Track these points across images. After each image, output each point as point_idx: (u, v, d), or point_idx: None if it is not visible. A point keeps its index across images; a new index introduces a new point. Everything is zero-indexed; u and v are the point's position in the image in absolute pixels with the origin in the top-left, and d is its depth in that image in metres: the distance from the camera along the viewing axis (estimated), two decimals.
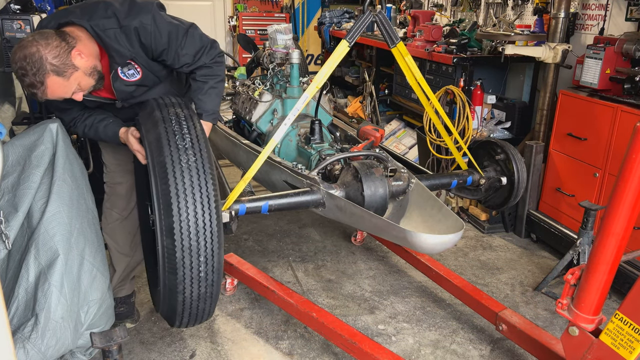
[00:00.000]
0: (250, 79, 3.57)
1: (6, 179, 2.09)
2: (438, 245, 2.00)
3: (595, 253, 1.75)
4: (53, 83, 1.99)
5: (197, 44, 2.26)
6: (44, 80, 1.96)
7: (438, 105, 2.65)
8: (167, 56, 2.21)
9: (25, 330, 1.86)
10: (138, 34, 2.12)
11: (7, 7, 3.03)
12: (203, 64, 2.28)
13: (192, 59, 2.25)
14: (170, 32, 2.18)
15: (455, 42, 4.13)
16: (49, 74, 1.96)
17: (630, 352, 1.67)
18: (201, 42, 2.27)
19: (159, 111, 2.06)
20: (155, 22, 2.14)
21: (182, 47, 2.21)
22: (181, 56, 2.23)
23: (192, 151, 1.96)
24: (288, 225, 3.94)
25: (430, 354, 2.57)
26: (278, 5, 8.12)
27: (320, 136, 2.80)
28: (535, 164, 3.51)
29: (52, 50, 1.95)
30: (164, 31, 2.17)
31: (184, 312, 2.05)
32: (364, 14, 2.24)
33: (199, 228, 1.90)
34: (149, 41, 2.15)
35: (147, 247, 2.59)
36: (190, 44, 2.23)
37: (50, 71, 1.95)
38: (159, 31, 2.15)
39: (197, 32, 2.28)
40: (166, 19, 2.20)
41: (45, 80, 1.96)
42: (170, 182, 1.89)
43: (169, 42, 2.18)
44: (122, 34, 2.11)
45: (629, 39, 3.11)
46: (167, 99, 2.17)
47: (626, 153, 1.61)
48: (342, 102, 6.67)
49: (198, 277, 1.96)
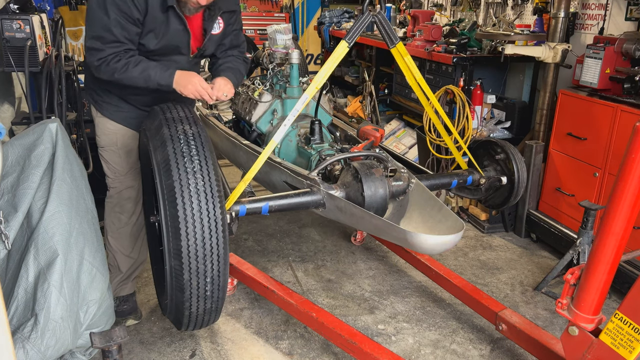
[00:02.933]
0: (250, 79, 3.57)
1: (6, 179, 2.09)
2: (438, 245, 1.99)
3: (595, 253, 1.75)
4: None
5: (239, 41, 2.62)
6: None
7: (438, 105, 2.65)
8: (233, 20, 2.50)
9: (24, 330, 1.86)
10: None
11: (7, 7, 3.03)
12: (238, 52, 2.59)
13: (226, 50, 2.56)
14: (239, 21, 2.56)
15: (455, 41, 4.13)
16: None
17: (630, 352, 1.67)
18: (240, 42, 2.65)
19: (167, 129, 2.05)
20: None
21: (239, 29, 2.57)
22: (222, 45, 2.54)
23: (201, 174, 1.95)
24: (288, 225, 3.94)
25: (430, 353, 2.57)
26: (278, 5, 8.11)
27: (320, 136, 2.80)
28: (535, 163, 3.51)
29: None
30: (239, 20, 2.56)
31: (189, 323, 2.13)
32: (363, 14, 2.24)
33: (206, 252, 1.93)
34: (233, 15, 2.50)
35: (153, 246, 2.60)
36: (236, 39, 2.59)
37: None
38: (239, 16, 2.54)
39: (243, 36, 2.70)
40: None
41: None
42: (179, 207, 1.90)
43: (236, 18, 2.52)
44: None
45: (628, 38, 3.11)
46: (175, 112, 2.14)
47: (626, 152, 1.61)
48: (342, 102, 6.67)
49: (205, 295, 2.01)
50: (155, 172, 2.00)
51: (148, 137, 2.09)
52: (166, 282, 2.01)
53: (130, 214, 2.58)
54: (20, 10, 3.06)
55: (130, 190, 2.58)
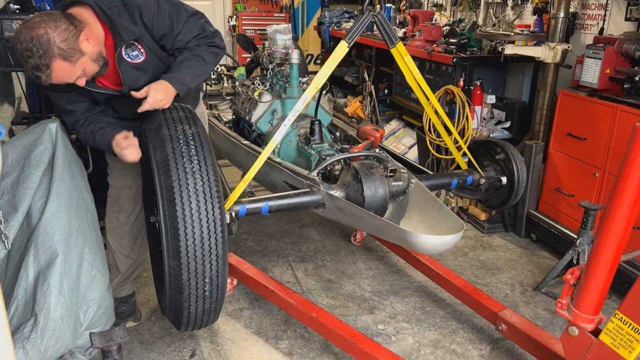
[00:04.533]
0: (250, 79, 3.57)
1: (5, 179, 2.09)
2: (438, 245, 1.99)
3: (594, 253, 1.75)
4: (59, 67, 1.94)
5: (195, 32, 2.20)
6: (49, 64, 1.91)
7: (437, 105, 2.65)
8: (167, 41, 2.18)
9: (24, 330, 1.86)
10: (140, 12, 2.08)
11: (7, 7, 3.03)
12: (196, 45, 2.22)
13: (185, 44, 2.21)
14: (172, 15, 2.13)
15: (454, 42, 4.13)
16: (56, 57, 1.91)
17: (630, 352, 1.67)
18: (199, 31, 2.21)
19: (167, 129, 2.04)
20: (158, 2, 2.11)
21: (179, 32, 2.16)
22: (177, 41, 2.18)
23: (200, 175, 1.95)
24: (288, 225, 3.93)
25: (430, 354, 2.57)
26: (277, 5, 8.12)
27: (320, 136, 2.80)
28: (535, 163, 3.51)
29: (60, 33, 1.90)
30: (165, 14, 2.12)
31: (188, 323, 2.13)
32: (363, 15, 2.24)
33: (205, 252, 1.93)
34: (151, 21, 2.10)
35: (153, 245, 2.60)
36: (188, 30, 2.18)
37: (57, 55, 1.91)
38: (161, 13, 2.11)
39: (200, 21, 2.23)
40: (172, 0, 2.17)
41: (52, 64, 1.92)
42: (178, 207, 1.90)
43: (171, 26, 2.14)
44: (126, 11, 2.07)
45: (628, 38, 3.11)
46: (175, 112, 2.12)
47: (626, 153, 1.61)
48: (342, 102, 6.67)
49: (203, 295, 2.01)
50: (154, 172, 2.00)
51: (148, 137, 2.09)
52: (165, 282, 2.01)
53: (129, 213, 2.58)
54: (20, 10, 3.06)
55: (129, 189, 2.57)
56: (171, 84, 2.10)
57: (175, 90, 2.11)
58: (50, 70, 1.94)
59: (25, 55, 1.90)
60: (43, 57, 1.89)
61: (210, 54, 2.24)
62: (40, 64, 1.91)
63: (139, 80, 2.20)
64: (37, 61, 1.90)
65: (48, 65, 1.92)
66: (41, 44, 1.87)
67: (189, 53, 2.19)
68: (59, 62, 1.93)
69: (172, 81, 2.11)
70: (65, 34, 1.91)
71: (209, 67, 2.24)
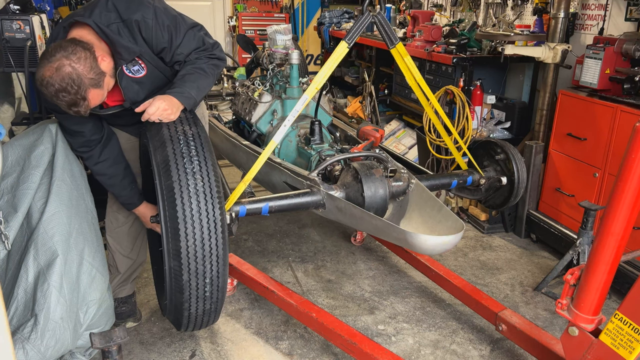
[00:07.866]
0: (250, 80, 3.57)
1: (5, 179, 2.09)
2: (438, 246, 1.99)
3: (594, 253, 1.75)
4: (93, 96, 1.98)
5: (194, 44, 2.19)
6: (86, 96, 1.95)
7: (437, 106, 2.65)
8: (166, 54, 2.17)
9: (24, 330, 1.86)
10: (139, 28, 2.07)
11: (7, 8, 3.04)
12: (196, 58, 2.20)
13: (184, 58, 2.19)
14: (170, 29, 2.13)
15: (454, 42, 4.14)
16: (89, 88, 1.95)
17: (630, 352, 1.67)
18: (198, 44, 2.20)
19: (167, 129, 2.04)
20: (157, 16, 2.09)
21: (179, 45, 2.16)
22: (176, 55, 2.17)
23: (200, 175, 1.95)
24: (288, 225, 3.94)
25: (430, 354, 2.57)
26: (277, 6, 8.12)
27: (320, 137, 2.80)
28: (535, 164, 3.51)
29: (84, 64, 1.92)
30: (164, 28, 2.11)
31: (189, 323, 2.13)
32: (363, 15, 2.24)
33: (205, 253, 1.93)
34: (150, 36, 2.10)
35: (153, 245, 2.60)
36: (187, 43, 2.17)
37: (89, 86, 1.94)
38: (160, 27, 2.10)
39: (199, 34, 2.21)
40: (170, 13, 2.15)
41: (87, 95, 1.95)
42: (178, 208, 1.90)
43: (170, 40, 2.13)
44: (125, 27, 2.06)
45: (628, 39, 3.11)
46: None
47: (626, 153, 1.61)
48: (342, 102, 6.67)
49: (204, 296, 2.01)
50: (154, 173, 2.00)
51: (148, 138, 2.09)
52: (165, 282, 2.01)
53: (129, 214, 2.58)
54: (20, 10, 3.06)
55: None
56: (177, 98, 2.10)
57: (181, 104, 2.11)
58: (87, 101, 1.97)
59: (61, 96, 1.91)
60: (79, 92, 1.92)
61: (211, 65, 2.23)
62: (77, 99, 1.93)
63: (140, 94, 2.20)
64: (73, 98, 1.92)
65: (85, 98, 1.95)
66: (74, 81, 1.90)
67: (191, 67, 2.19)
68: (92, 91, 1.97)
69: (178, 96, 2.10)
70: (88, 62, 1.94)
71: (211, 79, 2.24)
